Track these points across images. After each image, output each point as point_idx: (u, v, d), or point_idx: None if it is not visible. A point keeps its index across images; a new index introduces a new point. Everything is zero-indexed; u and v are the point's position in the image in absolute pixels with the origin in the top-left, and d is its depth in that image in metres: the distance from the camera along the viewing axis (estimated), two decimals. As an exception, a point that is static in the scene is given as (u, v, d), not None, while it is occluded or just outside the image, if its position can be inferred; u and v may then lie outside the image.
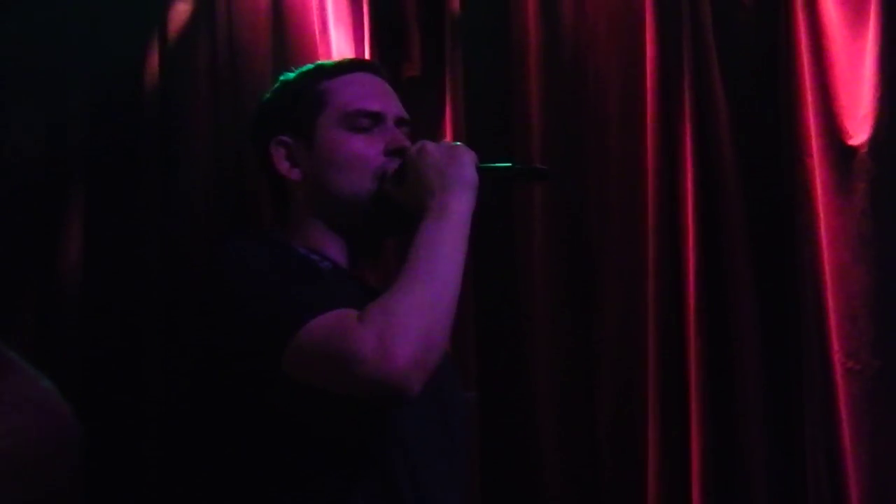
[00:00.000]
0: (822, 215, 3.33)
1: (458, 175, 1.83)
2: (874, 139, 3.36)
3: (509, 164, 1.96)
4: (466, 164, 1.85)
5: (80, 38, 3.23)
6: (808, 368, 3.29)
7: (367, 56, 3.36)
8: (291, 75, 2.16)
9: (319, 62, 2.37)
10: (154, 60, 3.28)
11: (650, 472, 3.26)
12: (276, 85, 2.20)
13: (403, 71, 3.40)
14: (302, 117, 1.96)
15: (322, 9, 3.37)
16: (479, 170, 1.87)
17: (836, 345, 3.29)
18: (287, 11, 3.34)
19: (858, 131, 3.38)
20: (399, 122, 1.97)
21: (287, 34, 3.34)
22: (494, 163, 1.94)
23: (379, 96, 1.98)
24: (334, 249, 1.93)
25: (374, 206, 1.91)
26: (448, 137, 3.36)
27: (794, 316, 3.32)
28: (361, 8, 3.39)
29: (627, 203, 3.41)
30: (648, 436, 3.26)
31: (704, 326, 3.29)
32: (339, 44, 3.37)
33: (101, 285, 3.19)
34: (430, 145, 1.89)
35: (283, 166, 1.95)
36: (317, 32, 3.34)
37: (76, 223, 3.21)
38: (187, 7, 3.33)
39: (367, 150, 1.92)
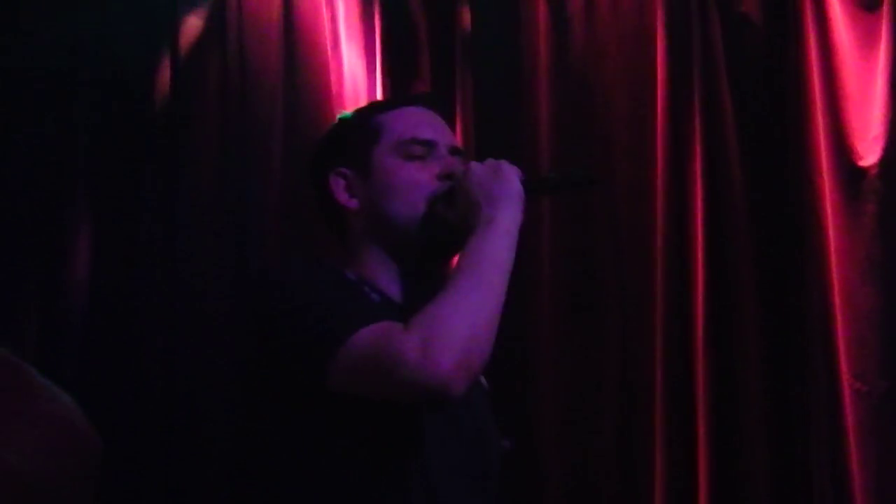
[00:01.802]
0: (831, 236, 3.32)
1: (503, 190, 1.87)
2: (884, 160, 3.35)
3: (552, 175, 1.99)
4: (511, 178, 1.89)
5: (92, 52, 3.25)
6: (815, 389, 3.28)
7: (378, 72, 3.37)
8: (348, 114, 2.22)
9: (375, 100, 2.46)
10: (165, 74, 3.31)
11: (657, 493, 3.25)
12: (334, 123, 2.28)
13: (413, 87, 3.41)
14: (359, 149, 2.01)
15: (334, 24, 3.38)
16: (525, 183, 1.90)
17: (843, 366, 3.28)
18: (298, 27, 3.36)
19: (868, 152, 3.38)
20: (452, 150, 2.03)
21: (298, 50, 3.36)
22: (538, 177, 1.99)
23: (431, 126, 2.03)
24: (388, 279, 1.97)
25: (426, 228, 1.95)
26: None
27: (802, 337, 3.31)
28: (373, 24, 3.41)
29: (636, 222, 3.41)
30: (655, 462, 3.26)
31: (711, 347, 3.29)
32: (350, 60, 3.38)
33: (106, 297, 3.20)
34: (475, 164, 1.92)
35: (343, 196, 2.00)
36: (328, 48, 3.36)
37: (83, 235, 3.22)
38: (198, 22, 3.35)
39: (420, 176, 1.97)
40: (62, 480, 1.36)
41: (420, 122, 2.02)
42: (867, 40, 3.42)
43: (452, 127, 3.36)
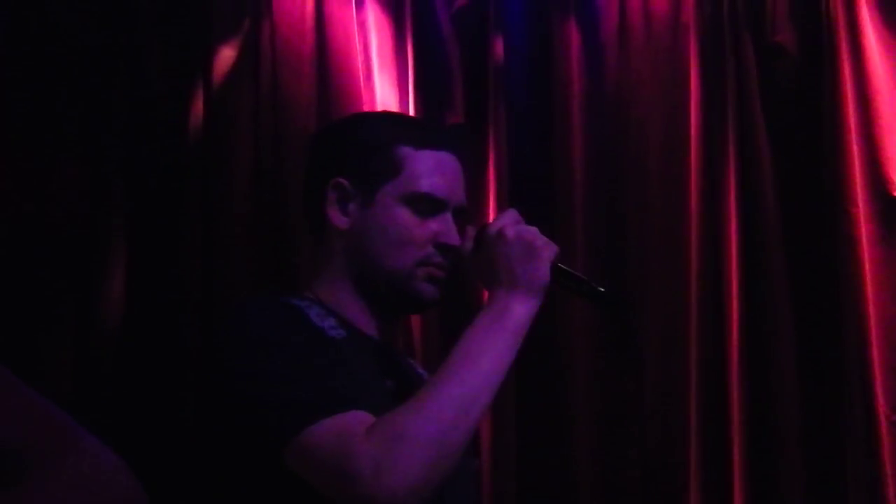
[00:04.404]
0: (867, 266, 3.31)
1: (529, 276, 1.76)
2: (920, 191, 3.34)
3: (586, 280, 1.86)
4: (542, 264, 1.78)
5: (125, 85, 3.24)
6: (851, 421, 3.27)
7: (411, 102, 3.36)
8: (374, 119, 2.10)
9: (406, 119, 2.34)
10: (198, 106, 3.28)
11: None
12: (355, 120, 2.13)
13: (447, 117, 3.40)
14: (370, 173, 1.89)
15: (366, 56, 3.37)
16: (555, 270, 1.79)
17: (880, 398, 3.27)
18: (331, 58, 3.34)
19: (904, 182, 3.37)
20: (457, 211, 1.92)
21: (331, 81, 3.34)
22: (572, 273, 1.86)
23: (451, 183, 1.92)
24: (357, 309, 1.89)
25: (402, 285, 1.87)
26: (490, 184, 3.36)
27: (838, 368, 3.30)
28: (406, 55, 3.39)
29: (670, 252, 3.39)
30: (690, 493, 3.24)
31: (747, 378, 3.29)
32: (382, 90, 3.36)
33: (142, 329, 3.19)
34: (511, 232, 1.80)
35: (333, 211, 1.90)
36: (361, 79, 3.34)
37: (118, 265, 3.20)
38: (232, 53, 3.32)
39: (418, 235, 1.88)
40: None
41: (444, 176, 1.91)
42: (903, 70, 3.41)
43: (485, 158, 3.37)
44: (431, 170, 1.90)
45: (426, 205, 1.89)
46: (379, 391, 1.77)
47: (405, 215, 1.88)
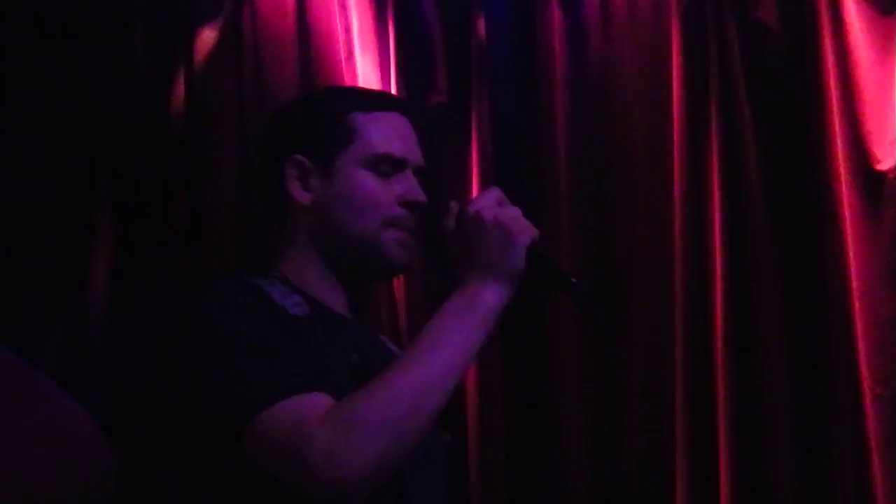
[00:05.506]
0: (850, 242, 3.32)
1: (504, 262, 1.72)
2: (903, 164, 3.35)
3: (561, 270, 1.83)
4: (518, 250, 1.72)
5: (107, 66, 3.23)
6: (836, 395, 3.29)
7: (393, 83, 3.36)
8: (321, 94, 2.10)
9: (351, 88, 2.33)
10: (180, 88, 3.28)
11: (679, 502, 3.24)
12: (303, 100, 2.14)
13: (430, 97, 3.40)
14: (326, 144, 1.88)
15: (348, 36, 3.36)
16: (532, 255, 1.73)
17: (864, 371, 3.28)
18: (313, 39, 3.34)
19: (886, 156, 3.37)
20: (417, 170, 1.91)
21: (313, 61, 3.33)
22: (549, 261, 1.80)
23: (406, 142, 1.91)
24: (322, 284, 1.88)
25: (372, 251, 1.86)
26: (473, 164, 3.36)
27: (823, 343, 3.31)
28: (387, 35, 3.39)
29: (654, 229, 3.40)
30: (677, 469, 3.25)
31: (732, 354, 3.29)
32: (364, 71, 3.36)
33: (128, 310, 3.18)
34: (489, 215, 1.74)
35: (295, 187, 1.87)
36: (343, 59, 3.33)
37: (103, 248, 3.19)
38: (213, 34, 3.32)
39: (383, 197, 1.87)
40: (71, 497, 1.35)
41: (397, 135, 1.91)
42: (884, 44, 3.42)
43: (468, 137, 3.37)
44: (386, 131, 1.90)
45: (386, 165, 1.88)
46: (343, 370, 1.74)
47: (367, 178, 1.87)
